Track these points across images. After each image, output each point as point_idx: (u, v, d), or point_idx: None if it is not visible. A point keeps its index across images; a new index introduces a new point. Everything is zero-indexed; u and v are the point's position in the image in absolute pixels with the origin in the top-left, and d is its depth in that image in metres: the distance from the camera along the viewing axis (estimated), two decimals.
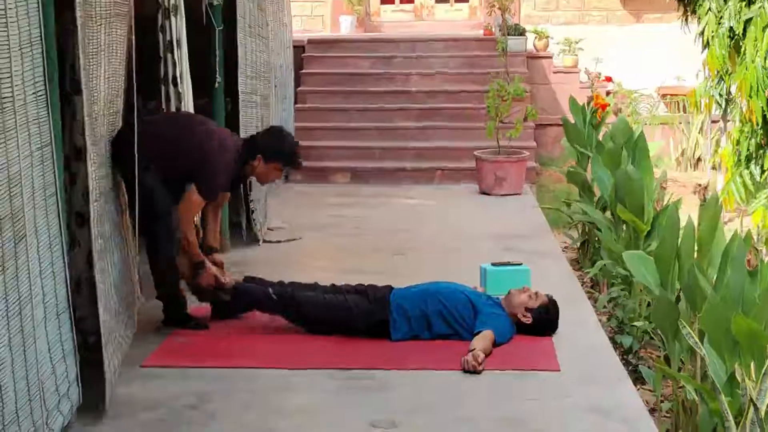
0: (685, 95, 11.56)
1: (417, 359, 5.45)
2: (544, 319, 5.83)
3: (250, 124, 8.10)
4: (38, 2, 3.84)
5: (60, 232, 3.98)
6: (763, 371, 4.11)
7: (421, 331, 5.72)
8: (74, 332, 4.06)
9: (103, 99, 5.01)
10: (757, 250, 4.69)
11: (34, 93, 3.81)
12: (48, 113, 3.91)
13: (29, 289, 3.72)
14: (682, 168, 13.85)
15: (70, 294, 4.03)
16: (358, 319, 5.74)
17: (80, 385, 4.16)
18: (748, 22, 8.23)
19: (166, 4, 6.31)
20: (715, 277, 5.10)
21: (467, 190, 10.76)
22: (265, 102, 8.53)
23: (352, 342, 5.73)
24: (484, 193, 10.61)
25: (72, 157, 4.70)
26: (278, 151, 5.95)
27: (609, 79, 14.03)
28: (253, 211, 8.18)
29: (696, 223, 5.74)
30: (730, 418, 4.14)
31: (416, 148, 11.76)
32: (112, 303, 5.02)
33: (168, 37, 6.38)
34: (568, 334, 5.85)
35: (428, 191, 10.87)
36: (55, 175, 3.96)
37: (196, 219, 6.44)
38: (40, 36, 3.87)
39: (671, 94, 14.31)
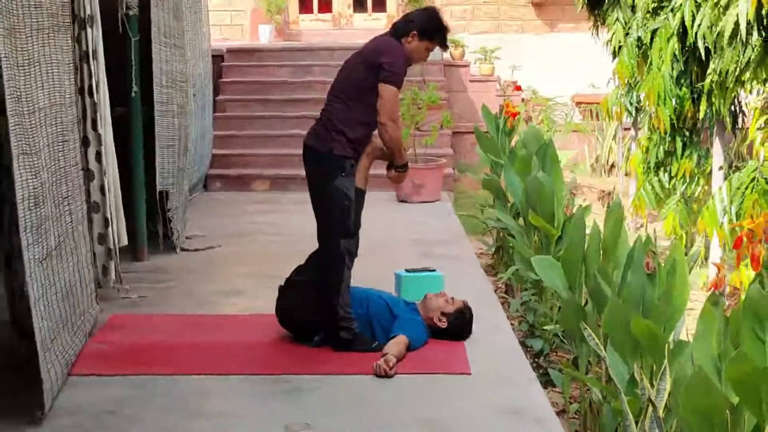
0: (598, 103, 11.82)
1: (331, 364, 5.55)
2: (459, 324, 5.96)
3: (166, 134, 8.12)
4: None
5: None
6: (661, 371, 4.27)
7: None
8: None
9: (44, 109, 5.01)
10: (655, 253, 4.83)
11: None
12: None
13: None
14: (596, 174, 14.16)
15: None
16: None
17: None
18: (654, 32, 8.43)
19: (82, 14, 6.30)
20: (619, 281, 5.26)
21: (386, 197, 10.79)
22: (182, 111, 8.54)
23: (267, 346, 5.87)
24: (402, 201, 10.73)
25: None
26: (432, 29, 5.82)
27: (518, 88, 14.26)
28: (170, 220, 8.22)
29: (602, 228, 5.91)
30: (630, 417, 4.29)
31: None
32: (55, 311, 5.03)
33: (84, 48, 6.38)
34: (481, 338, 5.99)
35: None
36: None
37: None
38: None
39: (586, 102, 14.60)
